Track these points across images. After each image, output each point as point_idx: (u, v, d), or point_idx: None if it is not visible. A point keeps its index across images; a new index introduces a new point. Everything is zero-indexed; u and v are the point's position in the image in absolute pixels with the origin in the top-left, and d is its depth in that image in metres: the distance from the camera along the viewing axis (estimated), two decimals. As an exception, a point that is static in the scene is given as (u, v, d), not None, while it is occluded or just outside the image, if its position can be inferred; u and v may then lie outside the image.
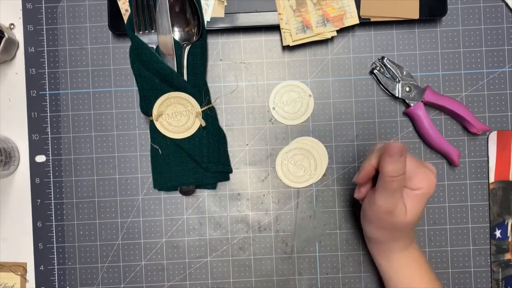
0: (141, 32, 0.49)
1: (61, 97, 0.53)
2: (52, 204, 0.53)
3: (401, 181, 0.40)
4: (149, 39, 0.50)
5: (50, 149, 0.53)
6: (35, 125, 0.53)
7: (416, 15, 0.51)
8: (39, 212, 0.53)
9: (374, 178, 0.44)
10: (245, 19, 0.51)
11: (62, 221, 0.53)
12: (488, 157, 0.53)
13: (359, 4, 0.50)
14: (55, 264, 0.53)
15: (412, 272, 0.46)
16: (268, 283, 0.53)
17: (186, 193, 0.52)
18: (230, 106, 0.53)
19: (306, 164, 0.53)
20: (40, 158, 0.53)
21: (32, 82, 0.53)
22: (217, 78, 0.53)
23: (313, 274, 0.53)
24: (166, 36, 0.50)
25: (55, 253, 0.53)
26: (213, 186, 0.52)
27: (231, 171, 0.53)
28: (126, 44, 0.53)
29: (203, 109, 0.50)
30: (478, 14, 0.53)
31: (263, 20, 0.51)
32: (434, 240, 0.53)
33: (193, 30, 0.51)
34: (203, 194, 0.53)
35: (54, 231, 0.53)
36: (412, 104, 0.52)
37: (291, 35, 0.50)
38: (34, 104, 0.53)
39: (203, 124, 0.50)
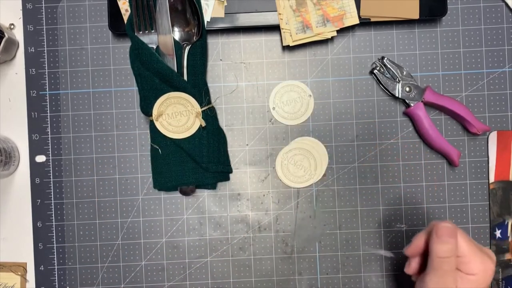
0: (141, 32, 0.49)
1: (61, 97, 0.53)
2: (52, 204, 0.53)
3: (451, 264, 0.38)
4: (149, 39, 0.50)
5: (50, 149, 0.53)
6: (35, 125, 0.53)
7: (416, 15, 0.51)
8: (39, 212, 0.53)
9: (425, 257, 0.41)
10: (245, 19, 0.51)
11: (62, 221, 0.53)
12: (488, 157, 0.53)
13: (359, 4, 0.50)
14: (55, 264, 0.53)
15: None
16: (268, 283, 0.53)
17: (186, 193, 0.52)
18: (230, 106, 0.53)
19: (306, 164, 0.53)
20: (40, 158, 0.53)
21: (32, 82, 0.53)
22: (217, 78, 0.53)
23: (313, 274, 0.53)
24: (166, 36, 0.50)
25: (55, 253, 0.53)
26: (213, 186, 0.52)
27: (231, 171, 0.53)
28: (126, 44, 0.53)
29: (203, 109, 0.50)
30: (478, 14, 0.53)
31: (263, 20, 0.51)
32: (434, 240, 0.53)
33: (193, 30, 0.51)
34: (203, 194, 0.53)
35: (54, 231, 0.53)
36: (412, 104, 0.52)
37: (291, 35, 0.50)
38: (34, 104, 0.53)
39: (203, 124, 0.50)
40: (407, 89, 0.52)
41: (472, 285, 0.39)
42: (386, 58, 0.52)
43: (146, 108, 0.50)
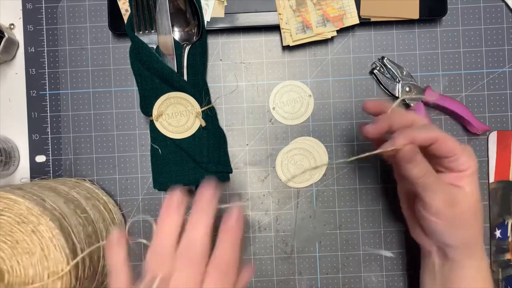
0: (141, 32, 0.49)
1: (61, 97, 0.53)
2: (52, 204, 0.53)
3: (433, 174, 0.38)
4: (149, 39, 0.50)
5: (50, 149, 0.53)
6: (35, 125, 0.53)
7: (416, 15, 0.51)
8: (39, 212, 0.53)
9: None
10: (245, 19, 0.51)
11: (62, 221, 0.53)
12: (488, 157, 0.53)
13: (359, 4, 0.50)
14: (55, 264, 0.53)
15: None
16: (268, 283, 0.53)
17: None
18: (230, 106, 0.53)
19: (306, 164, 0.53)
20: (40, 158, 0.53)
21: (32, 82, 0.53)
22: (217, 78, 0.53)
23: (313, 274, 0.53)
24: (166, 36, 0.50)
25: (55, 253, 0.53)
26: (213, 186, 0.52)
27: (231, 171, 0.53)
28: (126, 44, 0.53)
29: (203, 109, 0.50)
30: (478, 14, 0.53)
31: (263, 20, 0.51)
32: (434, 240, 0.53)
33: (193, 30, 0.51)
34: (203, 194, 0.53)
35: (54, 231, 0.53)
36: (412, 104, 0.51)
37: (291, 35, 0.50)
38: (34, 104, 0.53)
39: (203, 124, 0.50)
40: (407, 89, 0.52)
41: (470, 179, 0.39)
42: (386, 58, 0.52)
43: (146, 108, 0.50)
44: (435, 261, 0.44)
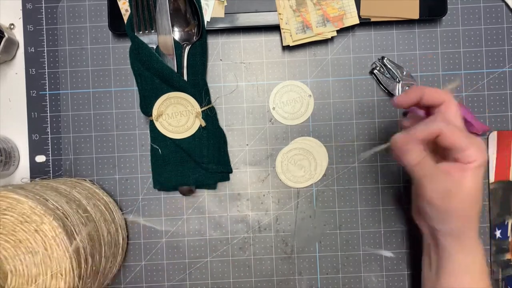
0: (141, 32, 0.49)
1: (61, 97, 0.53)
2: (52, 204, 0.53)
3: (429, 162, 0.39)
4: (149, 39, 0.50)
5: (50, 149, 0.53)
6: (35, 125, 0.53)
7: (416, 15, 0.51)
8: (39, 212, 0.53)
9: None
10: (245, 19, 0.51)
11: (62, 221, 0.53)
12: (488, 157, 0.53)
13: (359, 4, 0.50)
14: (55, 264, 0.53)
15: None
16: (268, 283, 0.53)
17: (186, 193, 0.52)
18: (230, 106, 0.53)
19: (306, 164, 0.53)
20: (40, 158, 0.53)
21: (32, 82, 0.53)
22: (217, 78, 0.53)
23: (313, 274, 0.53)
24: (166, 36, 0.50)
25: (55, 253, 0.53)
26: (213, 186, 0.52)
27: (231, 171, 0.53)
28: (126, 44, 0.53)
29: (203, 109, 0.50)
30: (478, 14, 0.53)
31: (263, 20, 0.51)
32: (434, 240, 0.53)
33: (193, 30, 0.51)
34: (203, 194, 0.53)
35: (54, 231, 0.53)
36: (412, 104, 0.51)
37: (291, 35, 0.50)
38: (34, 104, 0.53)
39: (203, 124, 0.50)
40: (407, 89, 0.52)
41: (475, 173, 0.39)
42: (386, 58, 0.52)
43: (146, 108, 0.50)
44: (430, 245, 0.45)
